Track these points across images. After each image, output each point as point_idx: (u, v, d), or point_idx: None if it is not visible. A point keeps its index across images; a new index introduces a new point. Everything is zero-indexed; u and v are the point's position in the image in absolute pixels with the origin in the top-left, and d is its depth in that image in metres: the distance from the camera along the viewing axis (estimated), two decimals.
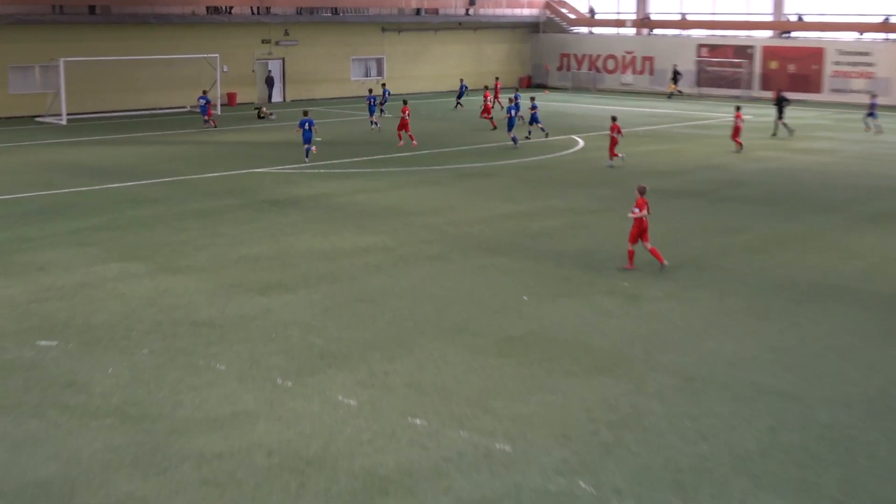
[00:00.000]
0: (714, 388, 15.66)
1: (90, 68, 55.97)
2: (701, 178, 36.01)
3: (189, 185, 33.87)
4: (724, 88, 71.09)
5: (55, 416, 14.38)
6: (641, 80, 75.37)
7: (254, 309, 19.63)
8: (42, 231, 26.42)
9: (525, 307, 19.96)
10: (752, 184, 35.02)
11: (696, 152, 43.06)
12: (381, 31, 70.81)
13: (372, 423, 14.19)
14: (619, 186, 33.70)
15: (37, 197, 31.39)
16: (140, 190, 32.74)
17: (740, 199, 31.88)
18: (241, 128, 50.75)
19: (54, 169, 37.10)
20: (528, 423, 14.21)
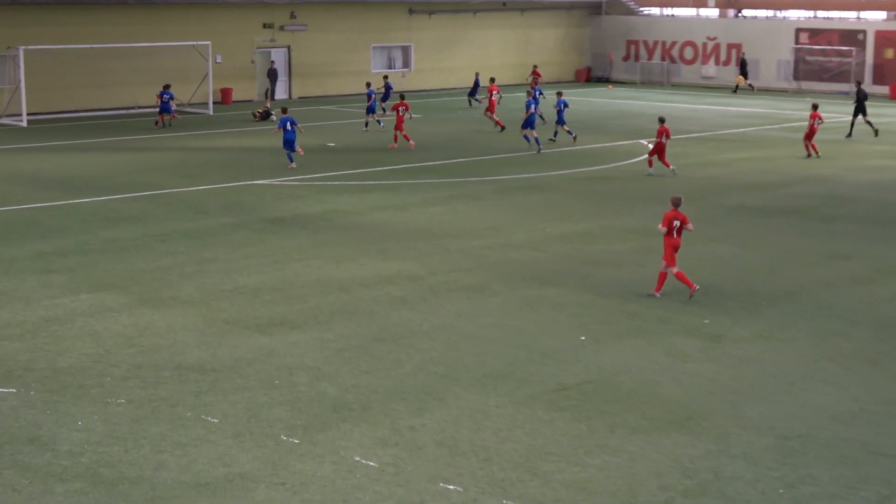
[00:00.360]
0: (814, 449, 15.66)
1: (55, 59, 56.14)
2: (799, 193, 35.96)
3: (174, 199, 34.15)
4: (827, 82, 70.91)
5: (13, 478, 14.53)
6: (726, 73, 75.26)
7: (253, 350, 19.79)
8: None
9: (582, 349, 20.03)
10: (862, 200, 34.95)
11: (794, 161, 42.98)
12: (408, 14, 71.15)
13: (395, 489, 14.29)
14: (698, 203, 33.70)
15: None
16: (115, 206, 33.04)
17: (847, 219, 31.83)
18: (236, 131, 51.07)
19: (11, 180, 37.48)
20: (586, 491, 14.27)
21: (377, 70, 70.29)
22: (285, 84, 66.48)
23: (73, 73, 57.58)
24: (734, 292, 23.84)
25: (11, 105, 54.39)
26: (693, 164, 41.56)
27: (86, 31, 57.78)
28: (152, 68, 59.19)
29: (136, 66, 59.16)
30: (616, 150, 45.53)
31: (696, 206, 33.05)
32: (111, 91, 58.99)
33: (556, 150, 44.77)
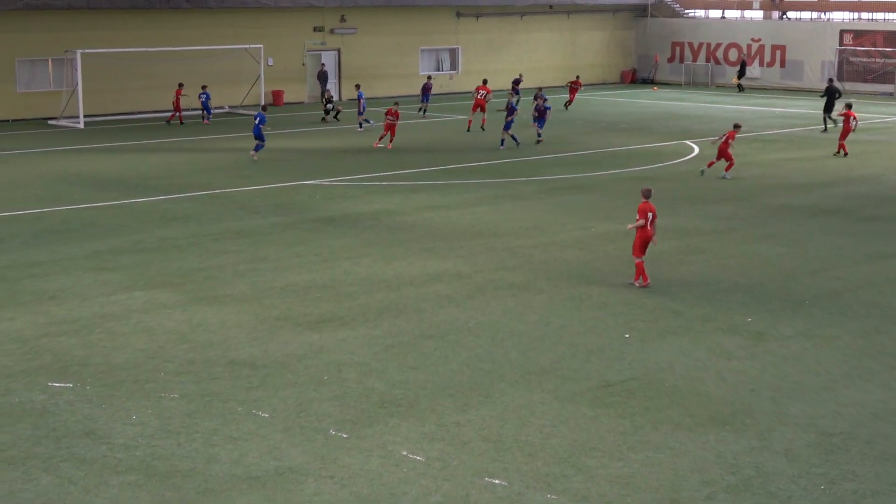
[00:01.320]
0: (856, 446, 15.57)
1: (112, 62, 56.49)
2: (843, 193, 35.73)
3: (227, 199, 34.35)
4: (873, 84, 70.40)
5: (70, 470, 14.68)
6: (771, 74, 74.90)
7: (302, 347, 19.88)
8: (54, 254, 26.94)
9: (627, 347, 20.00)
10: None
11: (838, 162, 42.72)
12: (456, 17, 71.17)
13: (442, 483, 14.32)
14: (743, 203, 33.61)
15: (49, 214, 32.01)
16: (169, 205, 33.28)
17: (889, 219, 31.61)
18: (287, 132, 51.21)
19: (69, 181, 37.79)
20: (630, 486, 14.26)
21: (425, 72, 70.36)
22: (335, 86, 66.53)
23: (129, 75, 57.82)
24: (777, 291, 23.73)
25: (69, 107, 54.74)
26: (738, 165, 41.31)
27: (140, 35, 58.18)
28: (205, 71, 59.36)
29: (190, 68, 59.22)
30: (662, 150, 45.39)
31: (741, 206, 32.97)
32: (165, 93, 58.95)
33: (600, 152, 44.66)
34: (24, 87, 56.18)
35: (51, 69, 56.72)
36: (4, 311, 21.99)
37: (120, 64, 56.94)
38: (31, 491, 14.04)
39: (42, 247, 27.67)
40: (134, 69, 57.70)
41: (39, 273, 25.08)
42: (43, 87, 56.63)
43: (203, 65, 59.45)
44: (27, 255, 26.81)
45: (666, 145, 46.70)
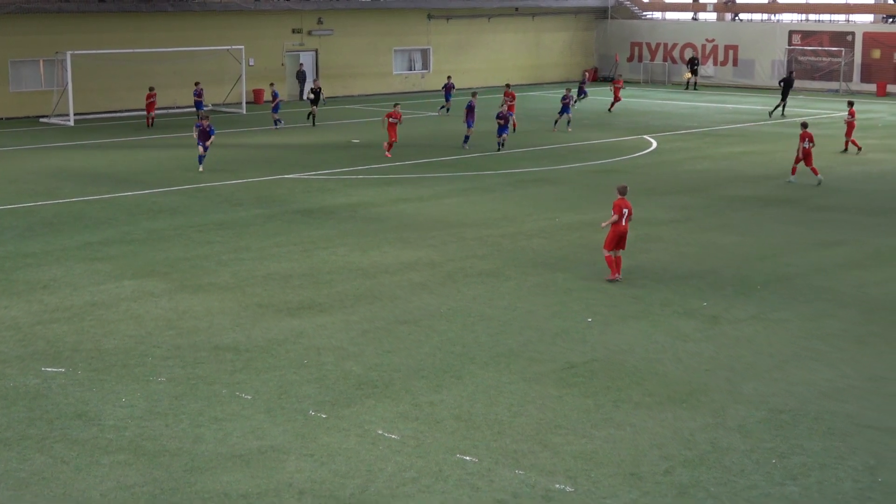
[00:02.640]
0: (805, 422, 15.67)
1: (100, 63, 56.29)
2: (792, 185, 35.85)
3: (211, 193, 34.27)
4: (818, 81, 70.73)
5: (63, 451, 14.65)
6: (724, 72, 75.11)
7: (283, 332, 19.87)
8: (47, 245, 26.83)
9: (589, 330, 20.05)
10: (851, 191, 34.87)
11: (787, 154, 42.74)
12: (427, 19, 71.14)
13: (416, 460, 14.35)
14: (698, 194, 33.72)
15: (41, 207, 31.86)
16: (156, 199, 33.17)
17: (837, 209, 31.77)
18: (268, 129, 51.09)
19: (61, 176, 37.63)
20: (593, 461, 14.31)
21: (398, 71, 70.35)
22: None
23: (117, 75, 57.60)
24: (731, 277, 23.82)
25: (60, 106, 54.56)
26: (693, 158, 41.49)
27: (128, 37, 57.98)
28: (190, 71, 59.40)
29: (175, 69, 59.34)
30: (622, 144, 45.48)
31: (696, 197, 33.09)
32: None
33: (564, 146, 44.72)
34: (16, 87, 55.90)
35: (42, 70, 56.47)
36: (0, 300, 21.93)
37: (108, 64, 56.77)
38: (25, 470, 14.01)
39: (35, 238, 27.55)
40: (121, 69, 57.50)
41: (33, 263, 24.98)
42: (35, 87, 56.38)
43: (187, 65, 59.45)
44: (21, 246, 26.70)
45: (626, 140, 46.79)
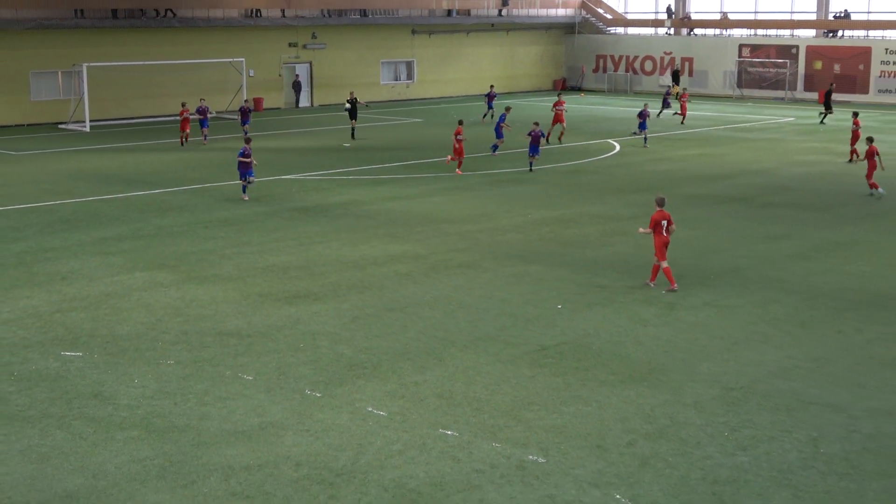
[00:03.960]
0: (754, 399, 15.72)
1: (113, 74, 56.24)
2: (743, 183, 35.97)
3: (215, 192, 34.19)
4: (766, 90, 70.95)
5: (80, 427, 14.63)
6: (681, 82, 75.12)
7: (281, 319, 19.85)
8: (66, 241, 26.76)
9: (559, 316, 20.08)
10: (797, 189, 34.97)
11: (738, 156, 42.98)
12: (412, 34, 71.06)
13: (402, 434, 14.35)
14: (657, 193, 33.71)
15: (60, 206, 31.76)
16: (165, 198, 33.08)
17: (784, 205, 31.85)
18: (268, 133, 50.98)
19: (78, 177, 37.51)
20: (562, 434, 14.34)
21: (385, 81, 70.23)
22: (308, 94, 66.42)
23: (129, 85, 57.58)
24: (688, 267, 23.86)
25: (76, 113, 54.49)
26: (652, 160, 41.54)
27: (139, 50, 57.85)
28: (195, 81, 59.34)
29: (182, 79, 59.19)
30: (589, 148, 45.51)
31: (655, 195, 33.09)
32: (161, 101, 58.88)
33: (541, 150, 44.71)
34: (36, 97, 55.76)
35: (60, 80, 56.26)
36: (22, 291, 21.84)
37: (121, 76, 56.72)
38: (47, 445, 13.99)
39: (54, 234, 27.48)
40: (133, 80, 57.53)
41: (52, 257, 24.91)
42: (53, 96, 56.20)
43: (193, 76, 59.35)
44: (42, 241, 26.63)
45: (592, 143, 46.81)
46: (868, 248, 25.88)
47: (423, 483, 12.83)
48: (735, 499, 12.45)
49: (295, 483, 12.85)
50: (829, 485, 12.84)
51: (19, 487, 12.77)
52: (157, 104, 58.89)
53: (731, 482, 12.89)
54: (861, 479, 12.99)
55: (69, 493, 12.62)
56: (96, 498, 12.48)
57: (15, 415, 15.10)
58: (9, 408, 15.36)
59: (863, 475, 13.12)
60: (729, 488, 12.73)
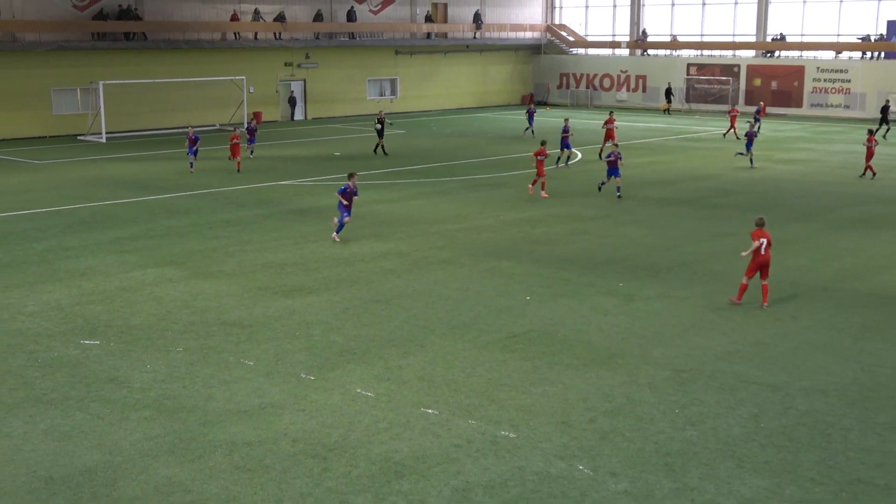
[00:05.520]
0: (702, 379, 15.76)
1: (127, 90, 56.12)
2: (692, 188, 36.06)
3: (219, 196, 34.04)
4: (711, 104, 71.23)
5: (98, 408, 14.55)
6: (635, 97, 75.43)
7: (279, 310, 19.79)
8: (84, 240, 26.61)
9: (528, 307, 20.08)
10: (739, 192, 35.08)
11: (687, 163, 43.10)
12: (395, 54, 70.96)
13: (388, 413, 14.33)
14: (614, 196, 33.78)
15: (79, 209, 31.59)
16: (174, 201, 32.93)
17: (728, 207, 31.95)
18: (266, 144, 50.79)
19: (95, 183, 37.30)
20: (531, 412, 14.34)
21: (371, 97, 70.10)
22: (302, 108, 66.29)
23: (141, 101, 57.46)
24: (643, 262, 23.92)
25: (94, 126, 54.30)
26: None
27: (150, 69, 57.63)
28: (201, 97, 59.56)
29: (189, 95, 59.20)
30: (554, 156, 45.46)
31: (614, 198, 33.17)
32: (170, 115, 58.88)
33: (507, 157, 44.72)
34: (57, 111, 55.47)
35: (79, 96, 56.00)
36: (45, 286, 21.71)
37: (134, 92, 56.67)
38: (67, 425, 13.91)
39: (74, 235, 27.32)
40: (145, 96, 57.50)
41: (72, 255, 24.77)
42: (73, 111, 55.93)
43: (198, 92, 59.32)
44: (62, 241, 26.48)
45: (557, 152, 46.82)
46: (804, 245, 25.98)
47: (407, 456, 12.81)
48: (685, 469, 12.48)
49: (292, 457, 12.81)
50: (768, 456, 12.89)
51: (43, 463, 12.70)
52: (167, 118, 58.88)
53: (681, 454, 12.92)
54: (797, 451, 13.04)
55: (88, 467, 12.56)
56: (113, 472, 12.42)
57: (39, 397, 15.01)
58: (34, 391, 15.28)
59: (798, 447, 13.17)
60: (679, 459, 12.75)
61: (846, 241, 26.50)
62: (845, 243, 26.28)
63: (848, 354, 17.11)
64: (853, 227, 28.40)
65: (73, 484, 12.13)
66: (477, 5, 75.96)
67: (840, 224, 28.94)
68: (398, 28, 70.42)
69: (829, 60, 66.72)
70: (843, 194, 34.41)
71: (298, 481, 12.14)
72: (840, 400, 14.91)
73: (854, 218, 29.86)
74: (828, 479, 12.26)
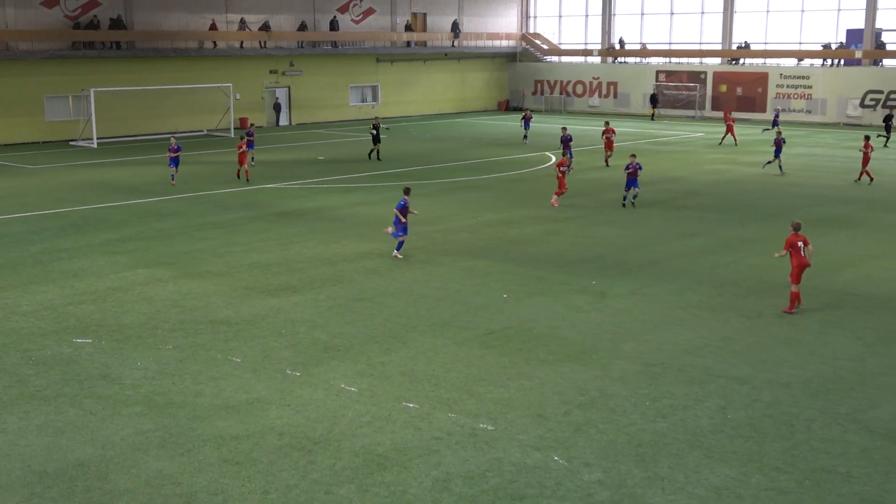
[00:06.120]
0: (671, 373, 15.82)
1: (117, 97, 55.78)
2: (660, 189, 36.17)
3: (207, 199, 33.91)
4: (679, 109, 71.47)
5: (91, 405, 14.48)
6: (606, 103, 75.56)
7: (265, 309, 19.73)
8: (77, 242, 26.45)
9: (505, 304, 20.09)
10: (706, 194, 35.21)
11: (655, 166, 43.17)
12: (376, 62, 70.86)
13: (371, 407, 14.31)
14: (586, 198, 33.88)
15: (71, 212, 31.40)
16: (164, 205, 32.77)
17: (695, 208, 32.06)
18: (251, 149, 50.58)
19: (86, 187, 37.09)
20: (508, 406, 14.35)
21: (354, 103, 70.00)
22: (287, 114, 66.14)
23: (131, 107, 57.19)
24: (614, 261, 23.98)
25: (85, 132, 54.03)
26: (583, 170, 41.64)
27: (140, 77, 57.38)
28: (189, 103, 59.40)
29: (177, 101, 59.04)
30: (529, 159, 45.58)
31: (586, 200, 33.25)
32: (159, 120, 58.67)
33: (484, 161, 44.77)
34: (50, 117, 55.08)
35: (71, 103, 55.66)
36: (39, 286, 21.58)
37: (124, 99, 56.37)
38: (61, 420, 13.85)
39: (67, 237, 27.17)
40: (135, 102, 57.23)
41: (65, 257, 24.63)
42: (65, 117, 55.55)
43: (187, 99, 59.18)
44: (56, 243, 26.32)
45: (531, 155, 46.89)
46: (767, 244, 26.10)
47: (389, 449, 12.81)
48: (655, 459, 12.53)
49: (278, 450, 12.78)
50: (735, 446, 12.95)
51: (38, 457, 12.62)
52: (156, 123, 58.66)
53: (652, 445, 12.96)
54: (763, 441, 13.11)
55: (81, 461, 12.50)
56: (105, 466, 12.36)
57: (33, 394, 14.92)
58: (28, 388, 15.18)
59: (764, 437, 13.24)
60: (650, 450, 12.80)
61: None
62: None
63: (810, 348, 17.21)
64: (814, 227, 28.52)
65: (66, 477, 12.06)
66: (455, 15, 76.00)
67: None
68: (379, 37, 70.32)
69: (791, 67, 67.05)
70: (804, 195, 34.60)
71: (285, 473, 12.11)
72: (803, 392, 15.00)
73: (815, 218, 30.02)
74: (792, 467, 12.33)
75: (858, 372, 15.96)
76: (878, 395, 14.93)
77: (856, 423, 13.79)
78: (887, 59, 64.17)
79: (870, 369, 16.10)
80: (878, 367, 16.20)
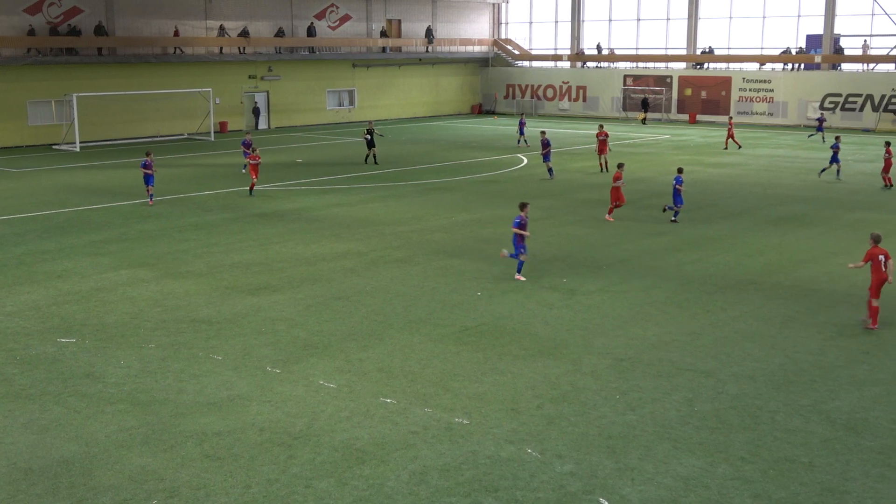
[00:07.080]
0: (640, 367, 15.88)
1: (100, 102, 55.51)
2: (628, 190, 36.07)
3: (188, 201, 33.73)
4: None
5: (75, 402, 14.36)
6: (576, 106, 75.78)
7: (246, 307, 19.64)
8: (60, 244, 26.24)
9: (479, 302, 20.10)
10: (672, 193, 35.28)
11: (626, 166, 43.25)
12: (352, 67, 70.73)
13: (349, 402, 14.28)
14: (558, 198, 33.96)
15: (55, 214, 31.15)
16: (145, 207, 32.54)
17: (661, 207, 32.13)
18: (231, 152, 50.43)
19: (70, 190, 36.81)
20: (483, 400, 14.36)
21: (331, 107, 69.84)
22: (266, 118, 65.91)
23: (113, 112, 56.90)
24: (584, 259, 24.04)
25: (68, 136, 53.70)
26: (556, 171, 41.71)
27: (121, 82, 57.06)
28: (170, 108, 59.12)
29: (158, 106, 58.72)
30: (501, 161, 45.62)
31: (557, 200, 33.32)
32: (141, 124, 58.34)
33: (458, 163, 44.77)
34: (33, 122, 54.66)
35: (54, 108, 55.23)
36: (23, 287, 21.39)
37: (106, 103, 56.08)
38: (46, 418, 13.73)
39: (50, 239, 26.95)
40: (116, 107, 56.97)
41: (49, 258, 24.43)
42: (48, 122, 55.14)
43: (167, 103, 58.86)
44: (40, 245, 26.10)
45: (504, 158, 46.94)
46: (731, 242, 26.27)
47: (368, 443, 12.78)
48: (625, 450, 12.57)
49: (259, 446, 12.73)
50: (702, 437, 13.01)
51: (23, 455, 12.51)
52: (138, 127, 58.35)
53: (622, 437, 13.00)
54: (728, 432, 13.18)
55: (66, 458, 12.39)
56: (89, 462, 12.26)
57: (18, 393, 14.79)
58: (13, 387, 15.04)
59: (730, 429, 13.31)
60: (620, 442, 12.83)
61: (771, 238, 26.83)
62: (770, 240, 26.60)
63: (773, 342, 17.32)
64: (777, 225, 28.76)
65: (51, 474, 11.96)
66: (429, 21, 75.99)
67: (765, 222, 29.28)
68: (355, 42, 70.23)
69: (753, 72, 67.48)
70: (767, 195, 34.82)
71: (266, 468, 12.06)
72: (767, 384, 15.09)
73: (777, 216, 30.23)
74: (757, 457, 12.40)
75: (820, 365, 16.08)
76: (839, 387, 15.04)
77: (818, 414, 13.89)
78: (845, 63, 64.77)
79: (831, 362, 16.22)
80: (839, 360, 16.33)
